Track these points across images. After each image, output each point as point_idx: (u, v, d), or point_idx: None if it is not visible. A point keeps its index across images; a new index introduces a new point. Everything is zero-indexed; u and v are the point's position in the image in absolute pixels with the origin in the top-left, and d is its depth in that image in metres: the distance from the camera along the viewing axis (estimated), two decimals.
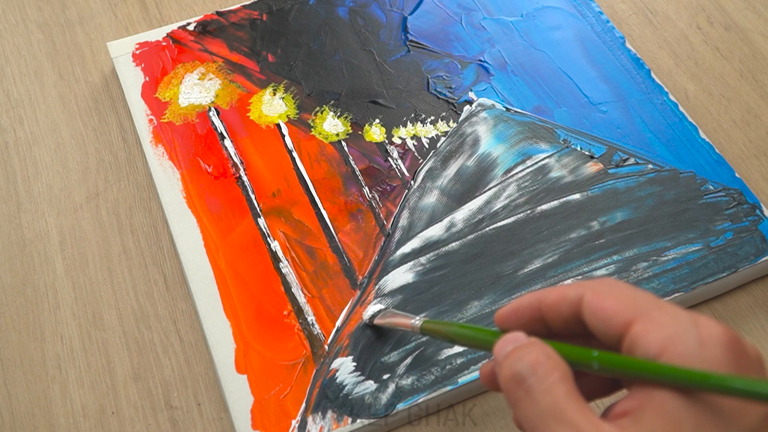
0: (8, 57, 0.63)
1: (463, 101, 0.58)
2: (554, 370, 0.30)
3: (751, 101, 0.60)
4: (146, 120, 0.57)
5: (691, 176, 0.54)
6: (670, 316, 0.30)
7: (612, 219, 0.52)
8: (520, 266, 0.50)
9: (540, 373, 0.30)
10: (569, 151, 0.56)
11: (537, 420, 0.30)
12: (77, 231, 0.54)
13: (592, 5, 0.64)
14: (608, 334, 0.31)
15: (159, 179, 0.54)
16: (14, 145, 0.58)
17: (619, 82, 0.59)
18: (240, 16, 0.63)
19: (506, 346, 0.32)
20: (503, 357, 0.32)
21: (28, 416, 0.47)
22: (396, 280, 0.50)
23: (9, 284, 0.52)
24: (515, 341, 0.33)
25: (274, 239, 0.52)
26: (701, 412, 0.28)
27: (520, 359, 0.31)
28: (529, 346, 0.32)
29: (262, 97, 0.59)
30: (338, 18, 0.63)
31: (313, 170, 0.55)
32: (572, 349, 0.32)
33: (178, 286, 0.52)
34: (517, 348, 0.32)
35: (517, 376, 0.31)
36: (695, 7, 0.65)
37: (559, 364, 0.31)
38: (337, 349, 0.47)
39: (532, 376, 0.30)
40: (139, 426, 0.47)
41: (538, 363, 0.31)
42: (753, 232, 0.51)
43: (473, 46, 0.62)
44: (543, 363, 0.31)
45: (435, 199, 0.54)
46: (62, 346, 0.49)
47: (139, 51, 0.61)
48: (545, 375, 0.30)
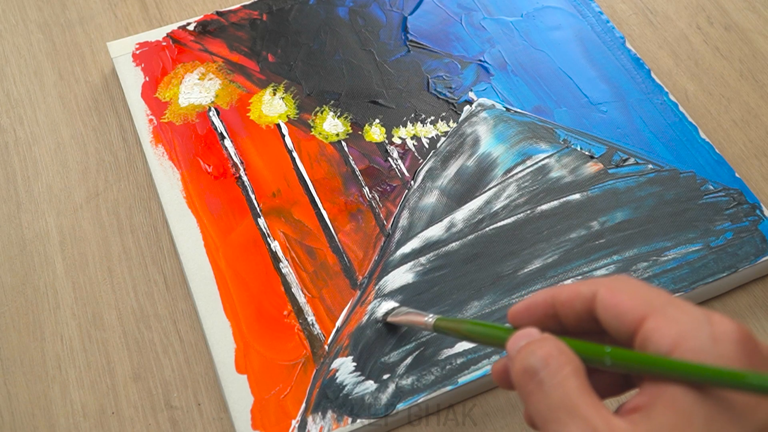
0: (8, 57, 0.63)
1: (463, 101, 0.58)
2: (567, 363, 0.30)
3: (751, 101, 0.60)
4: (146, 120, 0.57)
5: (691, 176, 0.54)
6: (683, 312, 0.30)
7: (612, 219, 0.52)
8: (520, 266, 0.50)
9: (552, 366, 0.30)
10: (569, 151, 0.56)
11: (548, 414, 0.30)
12: (77, 231, 0.54)
13: (592, 5, 0.64)
14: (621, 330, 0.31)
15: (159, 179, 0.54)
16: (14, 145, 0.58)
17: (619, 82, 0.59)
18: (240, 16, 0.63)
19: (519, 341, 0.33)
20: (516, 351, 0.32)
21: (28, 416, 0.47)
22: (396, 280, 0.50)
23: (9, 284, 0.52)
24: (528, 336, 0.33)
25: (274, 239, 0.52)
26: (713, 407, 0.28)
27: (533, 353, 0.31)
28: (542, 341, 0.32)
29: (262, 97, 0.59)
30: (338, 18, 0.63)
31: (313, 170, 0.55)
32: (585, 345, 0.32)
33: (178, 286, 0.52)
34: (530, 342, 0.32)
35: (529, 369, 0.31)
36: (695, 7, 0.65)
37: (571, 358, 0.31)
38: (337, 349, 0.47)
39: (544, 369, 0.30)
40: (139, 426, 0.47)
41: (550, 356, 0.31)
42: (753, 232, 0.51)
43: (473, 46, 0.62)
44: (555, 356, 0.31)
45: (435, 199, 0.54)
46: (62, 346, 0.49)
47: (139, 51, 0.61)
48: (557, 368, 0.30)
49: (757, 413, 0.29)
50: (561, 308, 0.34)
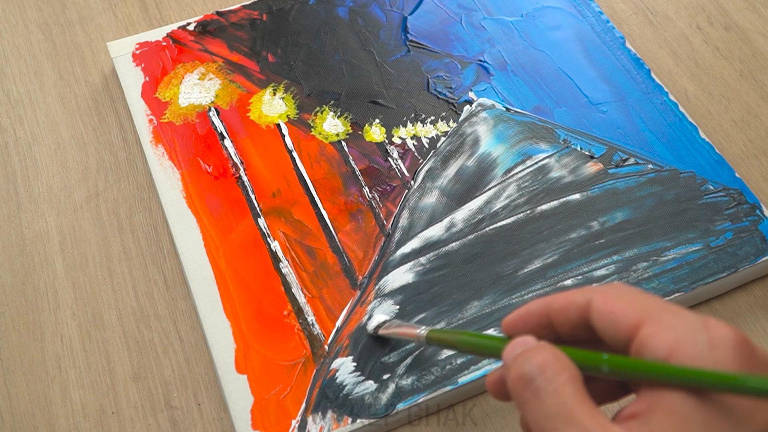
0: (8, 57, 0.63)
1: (463, 101, 0.58)
2: (563, 371, 0.30)
3: (751, 101, 0.60)
4: (146, 120, 0.57)
5: (691, 176, 0.54)
6: (679, 318, 0.30)
7: (612, 219, 0.52)
8: (520, 266, 0.50)
9: (548, 373, 0.30)
10: (569, 151, 0.56)
11: (544, 421, 0.29)
12: (77, 231, 0.54)
13: (592, 5, 0.64)
14: (616, 337, 0.31)
15: (159, 179, 0.54)
16: (14, 145, 0.58)
17: (619, 82, 0.59)
18: (240, 16, 0.63)
19: (515, 348, 0.32)
20: (512, 359, 0.32)
21: (28, 416, 0.47)
22: (396, 280, 0.50)
23: (9, 284, 0.52)
24: (524, 344, 0.32)
25: (274, 239, 0.52)
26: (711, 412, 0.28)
27: (529, 360, 0.31)
28: (538, 348, 0.31)
29: (262, 97, 0.59)
30: (338, 18, 0.63)
31: (313, 170, 0.55)
32: (582, 353, 0.31)
33: (178, 286, 0.52)
34: (526, 350, 0.32)
35: (525, 376, 0.31)
36: (695, 7, 0.65)
37: (567, 365, 0.30)
38: (337, 349, 0.47)
39: (540, 377, 0.30)
40: (139, 426, 0.47)
41: (546, 363, 0.30)
42: (753, 232, 0.51)
43: (473, 46, 0.62)
44: (551, 363, 0.30)
45: (435, 199, 0.54)
46: (62, 346, 0.49)
47: (139, 51, 0.61)
48: (554, 375, 0.30)
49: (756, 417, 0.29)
50: (555, 317, 0.33)
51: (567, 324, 0.33)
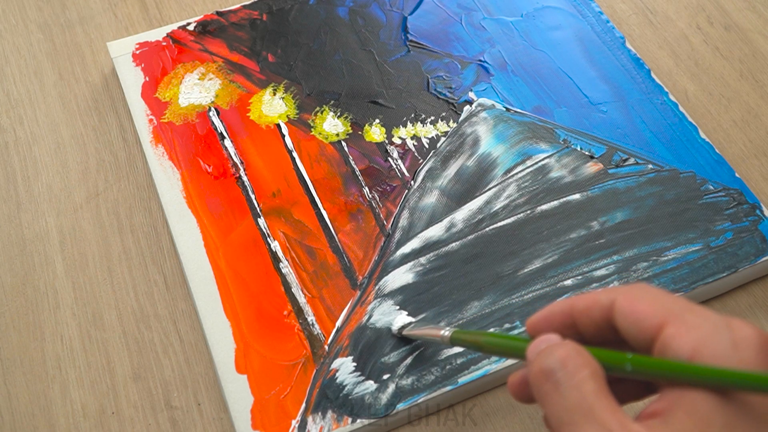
0: (8, 57, 0.63)
1: (463, 101, 0.58)
2: (584, 366, 0.30)
3: (751, 101, 0.60)
4: (146, 120, 0.57)
5: (691, 176, 0.54)
6: (703, 318, 0.30)
7: (612, 219, 0.52)
8: (520, 266, 0.50)
9: (570, 368, 0.30)
10: (569, 151, 0.56)
11: (564, 416, 0.29)
12: (77, 231, 0.54)
13: (592, 5, 0.64)
14: (640, 337, 0.31)
15: (159, 179, 0.54)
16: (14, 145, 0.58)
17: (619, 82, 0.59)
18: (240, 16, 0.63)
19: (540, 345, 0.32)
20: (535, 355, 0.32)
21: (28, 416, 0.47)
22: (396, 280, 0.50)
23: (9, 284, 0.52)
24: (548, 341, 0.32)
25: (274, 239, 0.52)
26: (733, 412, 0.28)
27: (551, 353, 0.31)
28: (561, 344, 0.32)
29: (262, 97, 0.59)
30: (338, 18, 0.63)
31: (313, 170, 0.55)
32: (606, 353, 0.31)
33: (178, 286, 0.52)
34: (550, 345, 0.32)
35: (546, 369, 0.31)
36: (695, 7, 0.65)
37: (590, 361, 0.30)
38: (337, 350, 0.47)
39: (561, 371, 0.30)
40: (139, 426, 0.47)
41: (568, 358, 0.30)
42: (753, 232, 0.51)
43: (473, 46, 0.62)
44: (573, 358, 0.30)
45: (435, 199, 0.54)
46: (62, 346, 0.49)
47: (139, 51, 0.61)
48: (575, 370, 0.30)
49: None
50: (579, 317, 0.33)
51: (591, 324, 0.33)
